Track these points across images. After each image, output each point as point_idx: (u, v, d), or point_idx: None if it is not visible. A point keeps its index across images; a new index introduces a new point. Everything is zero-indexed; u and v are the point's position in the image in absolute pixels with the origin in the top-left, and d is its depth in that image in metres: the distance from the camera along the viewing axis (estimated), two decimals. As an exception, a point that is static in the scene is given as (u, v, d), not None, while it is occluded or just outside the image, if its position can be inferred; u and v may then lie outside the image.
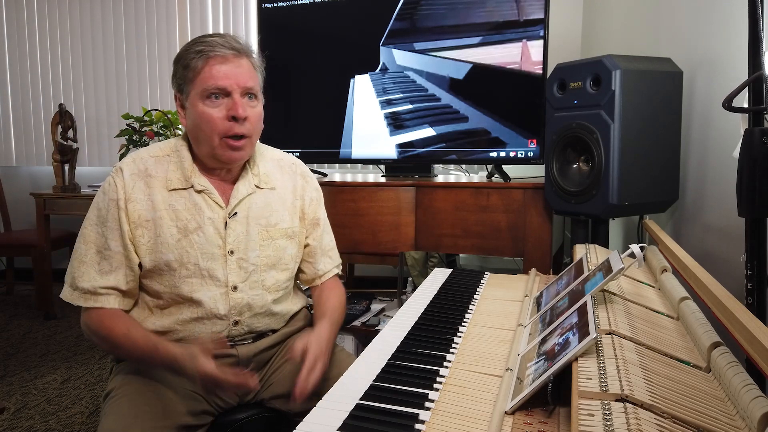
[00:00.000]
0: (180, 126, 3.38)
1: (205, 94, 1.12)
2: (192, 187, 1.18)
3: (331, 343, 1.19)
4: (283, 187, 1.30)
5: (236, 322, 1.20)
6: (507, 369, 0.80)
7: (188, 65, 1.13)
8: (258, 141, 1.26)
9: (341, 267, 1.42)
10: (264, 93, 1.23)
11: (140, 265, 1.16)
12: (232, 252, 1.19)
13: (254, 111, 1.16)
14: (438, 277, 1.40)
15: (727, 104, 1.00)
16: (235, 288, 1.19)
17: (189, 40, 1.19)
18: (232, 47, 1.14)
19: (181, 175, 1.19)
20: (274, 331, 1.28)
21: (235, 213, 1.20)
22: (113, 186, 1.16)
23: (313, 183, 1.37)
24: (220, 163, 1.18)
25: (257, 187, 1.25)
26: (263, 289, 1.23)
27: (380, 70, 2.31)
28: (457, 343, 0.94)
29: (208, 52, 1.12)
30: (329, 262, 1.38)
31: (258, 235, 1.23)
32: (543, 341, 0.81)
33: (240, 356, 1.21)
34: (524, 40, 2.08)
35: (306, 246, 1.34)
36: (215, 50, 1.12)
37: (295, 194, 1.32)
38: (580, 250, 1.29)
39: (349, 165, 3.49)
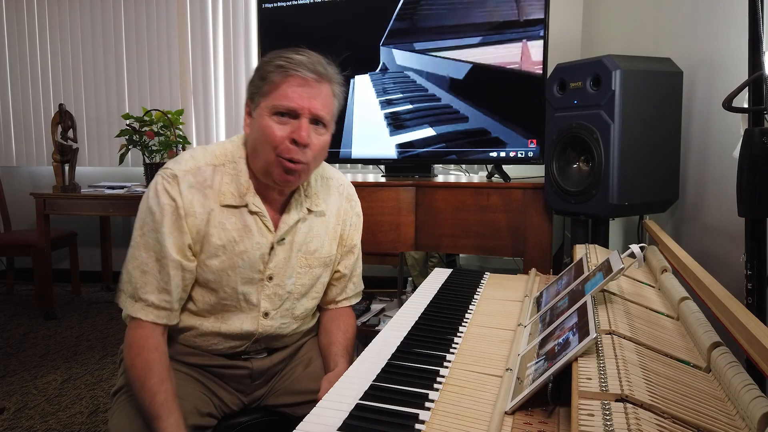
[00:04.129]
0: (181, 127, 3.39)
1: (274, 111, 1.06)
2: (246, 206, 1.13)
3: None
4: (328, 210, 1.26)
5: (256, 341, 1.20)
6: (507, 369, 0.80)
7: (265, 77, 1.08)
8: None
9: (361, 295, 1.39)
10: None
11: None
12: (271, 278, 1.16)
13: (319, 139, 1.10)
14: (438, 277, 1.40)
15: (727, 104, 1.00)
16: (266, 315, 1.17)
17: (189, 39, 1.18)
18: (315, 71, 1.08)
19: (235, 189, 1.13)
20: (287, 345, 1.27)
21: (283, 239, 1.17)
22: (171, 196, 1.09)
23: (356, 208, 1.33)
24: (273, 182, 1.12)
25: (308, 210, 1.21)
26: (292, 318, 1.22)
27: (380, 70, 2.31)
28: (457, 343, 0.94)
29: (288, 70, 1.06)
30: (351, 289, 1.35)
31: (297, 262, 1.20)
32: (543, 341, 0.81)
33: (254, 369, 1.21)
34: (524, 40, 2.08)
35: (336, 272, 1.31)
36: (297, 70, 1.06)
37: (338, 218, 1.28)
38: (580, 250, 1.29)
39: (349, 165, 3.49)
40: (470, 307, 1.14)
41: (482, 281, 1.34)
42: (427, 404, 0.72)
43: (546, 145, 1.76)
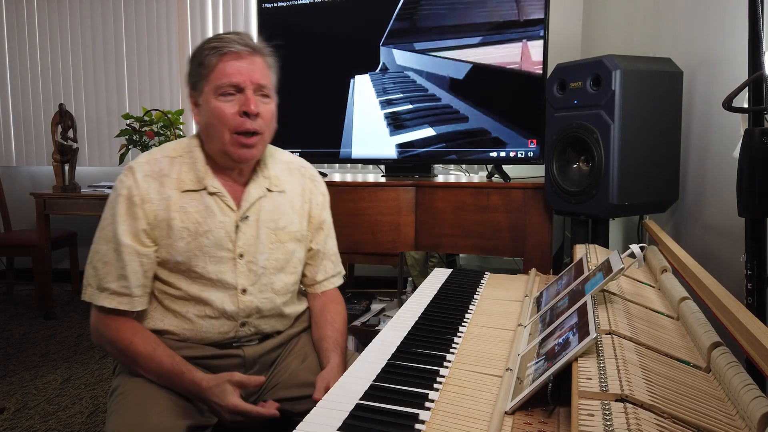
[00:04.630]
0: (180, 127, 3.38)
1: (219, 91, 1.12)
2: (205, 189, 1.17)
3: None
4: (292, 190, 1.29)
5: (244, 323, 1.20)
6: (507, 369, 0.80)
7: (202, 62, 1.14)
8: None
9: (343, 276, 1.40)
10: None
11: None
12: (241, 255, 1.19)
13: (267, 108, 1.16)
14: (438, 277, 1.40)
15: (727, 104, 1.00)
16: (244, 291, 1.19)
17: (189, 40, 1.21)
18: (247, 44, 1.14)
19: (194, 176, 1.17)
20: (279, 332, 1.28)
21: (247, 216, 1.20)
22: (126, 185, 1.14)
23: (321, 187, 1.37)
24: (232, 161, 1.17)
25: (268, 189, 1.24)
26: (273, 292, 1.23)
27: (380, 70, 2.31)
28: (457, 343, 0.94)
29: (222, 49, 1.12)
30: (331, 268, 1.36)
31: (267, 238, 1.22)
32: (543, 341, 0.81)
33: (246, 357, 1.21)
34: (524, 40, 2.08)
35: (309, 249, 1.33)
36: (230, 47, 1.12)
37: (303, 197, 1.31)
38: (580, 250, 1.29)
39: (349, 165, 3.49)
40: (470, 307, 1.14)
41: (482, 281, 1.34)
42: (427, 404, 0.72)
43: (546, 145, 1.76)
